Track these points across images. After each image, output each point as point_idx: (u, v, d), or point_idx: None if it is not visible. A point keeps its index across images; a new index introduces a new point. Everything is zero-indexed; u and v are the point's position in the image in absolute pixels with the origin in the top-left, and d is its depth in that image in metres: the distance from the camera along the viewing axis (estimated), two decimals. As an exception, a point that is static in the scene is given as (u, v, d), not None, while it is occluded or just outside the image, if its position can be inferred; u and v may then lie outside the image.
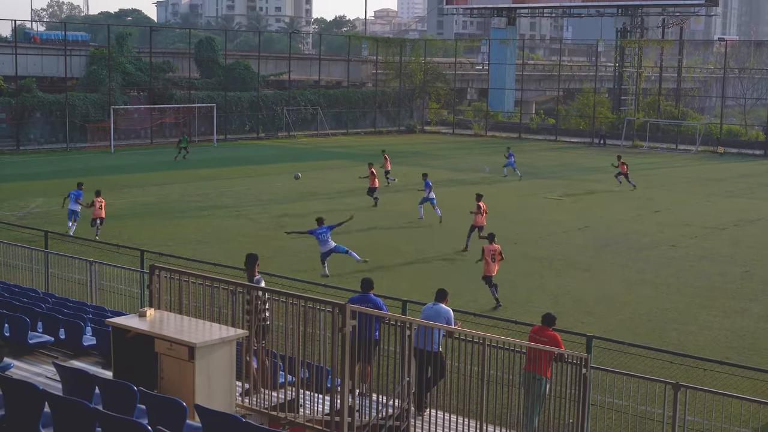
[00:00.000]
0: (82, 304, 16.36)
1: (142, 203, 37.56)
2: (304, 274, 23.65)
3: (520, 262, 27.84)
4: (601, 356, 15.61)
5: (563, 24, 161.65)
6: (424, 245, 30.07)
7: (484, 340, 11.48)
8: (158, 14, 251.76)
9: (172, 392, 9.75)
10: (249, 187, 42.76)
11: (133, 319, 10.90)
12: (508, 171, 48.67)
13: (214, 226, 32.52)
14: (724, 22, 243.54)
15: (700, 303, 23.53)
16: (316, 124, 74.37)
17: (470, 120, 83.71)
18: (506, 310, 21.67)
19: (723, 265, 28.18)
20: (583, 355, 13.04)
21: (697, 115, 78.92)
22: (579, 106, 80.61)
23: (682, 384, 12.67)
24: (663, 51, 77.49)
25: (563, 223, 34.75)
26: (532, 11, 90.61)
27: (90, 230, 29.75)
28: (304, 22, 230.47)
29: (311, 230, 25.81)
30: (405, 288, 23.10)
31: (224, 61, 71.15)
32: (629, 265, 27.74)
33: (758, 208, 39.66)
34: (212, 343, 10.05)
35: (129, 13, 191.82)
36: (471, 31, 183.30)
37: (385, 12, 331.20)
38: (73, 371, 10.35)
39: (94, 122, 60.48)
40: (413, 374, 11.34)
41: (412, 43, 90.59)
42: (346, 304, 10.11)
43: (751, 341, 20.36)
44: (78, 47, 68.81)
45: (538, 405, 13.01)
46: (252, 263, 12.75)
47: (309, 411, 10.71)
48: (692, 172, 54.44)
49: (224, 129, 67.45)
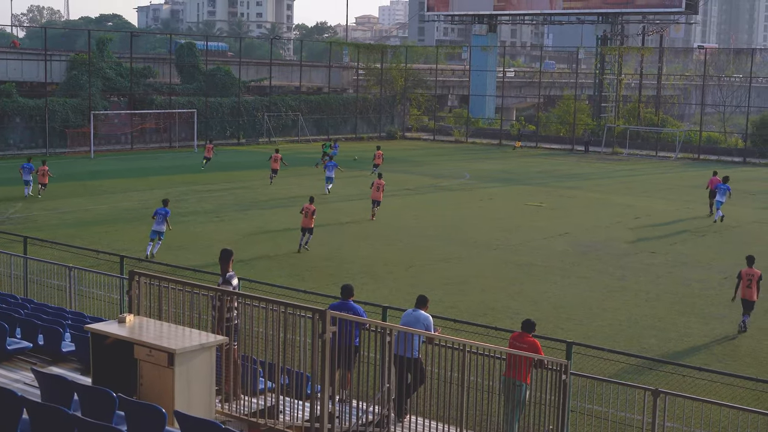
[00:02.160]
0: (61, 310, 16.25)
1: (123, 209, 37.39)
2: (285, 280, 23.63)
3: (501, 268, 27.91)
4: (580, 362, 15.67)
5: (544, 31, 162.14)
6: (407, 250, 30.09)
7: (464, 346, 11.50)
8: (139, 19, 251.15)
9: (152, 398, 9.70)
10: (229, 193, 42.68)
11: (112, 325, 10.85)
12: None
13: (194, 232, 32.43)
14: (704, 30, 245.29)
15: (680, 309, 23.64)
16: (296, 130, 74.33)
17: (451, 126, 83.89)
18: (486, 316, 21.70)
19: (702, 271, 28.34)
20: (563, 361, 13.08)
21: (677, 122, 79.41)
22: (559, 112, 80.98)
23: (661, 390, 12.72)
24: (643, 58, 77.91)
25: (544, 230, 34.85)
26: (513, 18, 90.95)
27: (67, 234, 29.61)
28: (285, 28, 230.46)
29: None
30: (385, 294, 23.11)
31: (205, 67, 71.00)
32: (609, 272, 27.85)
33: (737, 215, 39.89)
34: (192, 350, 10.01)
35: (109, 18, 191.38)
36: (452, 38, 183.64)
37: (366, 18, 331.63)
38: (52, 377, 10.28)
39: (74, 127, 60.17)
40: (393, 381, 11.34)
41: (393, 50, 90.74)
42: (326, 311, 10.10)
43: (730, 348, 20.48)
44: (58, 52, 68.58)
45: (518, 411, 13.02)
46: (226, 258, 12.82)
47: (289, 417, 10.69)
48: (672, 179, 54.73)
49: (205, 135, 67.19)
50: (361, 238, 32.11)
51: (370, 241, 31.60)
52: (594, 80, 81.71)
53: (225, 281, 12.62)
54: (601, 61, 78.39)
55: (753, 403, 13.99)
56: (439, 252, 29.98)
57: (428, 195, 44.36)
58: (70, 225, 32.88)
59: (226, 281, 12.62)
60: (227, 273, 12.68)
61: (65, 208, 36.78)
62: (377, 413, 11.24)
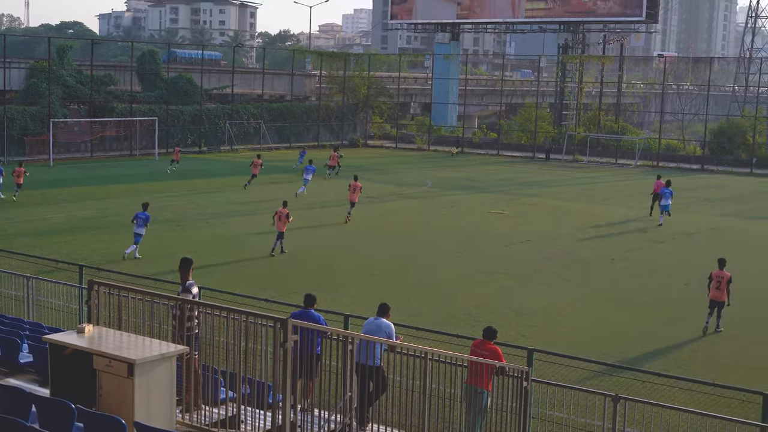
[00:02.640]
0: (19, 320, 16.05)
1: (82, 217, 37.05)
2: (246, 289, 23.54)
3: (464, 275, 27.99)
4: (541, 369, 15.75)
5: (506, 39, 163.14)
6: (369, 258, 30.10)
7: (425, 354, 11.52)
8: (100, 27, 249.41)
9: (111, 410, 9.62)
10: (191, 201, 42.44)
11: (71, 335, 10.74)
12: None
13: (154, 241, 32.17)
14: (664, 39, 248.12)
15: (640, 315, 23.85)
16: (258, 138, 74.09)
17: (413, 134, 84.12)
18: (448, 324, 21.73)
19: (662, 277, 28.62)
20: (524, 368, 13.14)
21: (637, 130, 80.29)
22: (521, 120, 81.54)
23: (621, 396, 12.82)
24: (604, 67, 78.68)
25: (506, 237, 35.02)
26: (475, 27, 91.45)
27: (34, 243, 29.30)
28: (248, 35, 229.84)
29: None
30: (347, 302, 23.09)
31: (167, 75, 70.62)
32: (570, 278, 28.04)
33: (695, 222, 40.36)
34: (152, 359, 9.94)
35: (70, 26, 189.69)
36: (415, 46, 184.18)
37: (329, 26, 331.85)
38: (9, 389, 10.16)
39: (33, 135, 59.54)
40: (355, 389, 11.34)
41: (356, 58, 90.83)
42: (287, 319, 10.09)
43: (689, 353, 20.69)
44: (17, 59, 67.84)
45: (479, 418, 13.06)
46: (186, 267, 12.82)
47: (250, 427, 10.64)
48: (632, 186, 55.22)
49: (166, 142, 66.81)
50: (323, 246, 32.07)
51: (333, 249, 31.56)
52: (555, 88, 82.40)
53: (185, 290, 12.57)
54: (563, 69, 79.06)
55: (711, 408, 14.13)
56: (401, 260, 30.01)
57: (391, 203, 44.41)
58: (27, 234, 32.52)
59: (185, 290, 12.56)
60: (187, 282, 12.64)
61: (23, 217, 36.37)
62: (339, 422, 11.23)
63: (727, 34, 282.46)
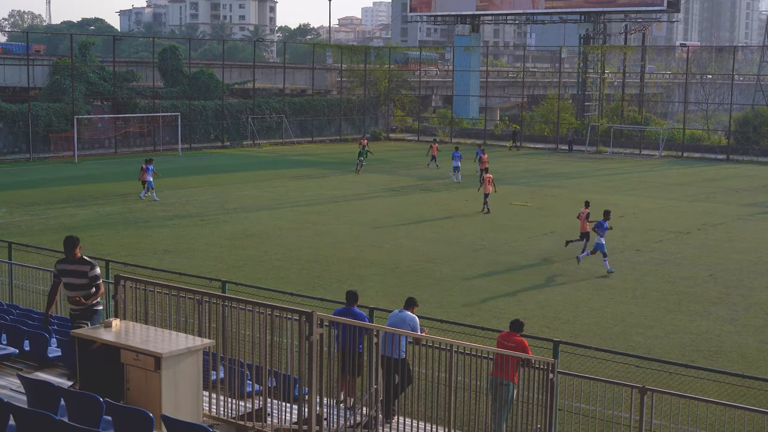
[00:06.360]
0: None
1: (107, 213, 37.26)
2: (271, 283, 23.61)
3: (487, 267, 27.94)
4: (567, 361, 15.71)
5: (527, 31, 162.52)
6: (393, 252, 30.10)
7: (451, 346, 11.51)
8: (121, 23, 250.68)
9: (139, 403, 9.68)
10: (214, 196, 42.58)
11: (98, 330, 10.81)
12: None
13: (179, 236, 32.34)
14: (686, 28, 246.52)
15: (666, 307, 23.73)
16: (281, 133, 74.23)
17: (435, 127, 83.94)
18: (473, 316, 21.73)
19: (687, 268, 28.45)
20: (550, 360, 13.10)
21: (660, 120, 79.66)
22: (543, 112, 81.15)
23: (648, 388, 12.76)
24: (626, 57, 78.17)
25: (529, 229, 34.92)
26: (495, 18, 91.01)
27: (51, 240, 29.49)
28: (268, 30, 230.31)
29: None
30: (371, 295, 23.10)
31: (188, 70, 70.86)
32: (595, 270, 27.92)
33: (721, 212, 40.09)
34: (179, 353, 9.99)
35: (92, 23, 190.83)
36: (435, 39, 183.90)
37: (349, 20, 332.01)
38: (38, 383, 10.24)
39: (58, 132, 59.94)
40: (380, 382, 11.35)
41: (376, 51, 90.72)
42: (313, 313, 10.10)
43: (716, 344, 20.56)
44: (40, 56, 68.28)
45: (505, 410, 13.05)
46: (73, 245, 12.40)
47: (277, 420, 10.67)
48: (656, 177, 54.93)
49: (189, 138, 67.15)
50: (347, 240, 32.09)
51: (355, 243, 31.58)
52: (577, 79, 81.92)
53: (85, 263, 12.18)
54: (584, 60, 78.64)
55: (739, 399, 14.05)
56: (425, 252, 29.98)
57: (413, 195, 44.37)
58: (54, 230, 32.72)
59: (86, 263, 12.18)
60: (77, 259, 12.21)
61: (49, 214, 36.61)
62: (365, 414, 11.24)
63: (750, 23, 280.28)
